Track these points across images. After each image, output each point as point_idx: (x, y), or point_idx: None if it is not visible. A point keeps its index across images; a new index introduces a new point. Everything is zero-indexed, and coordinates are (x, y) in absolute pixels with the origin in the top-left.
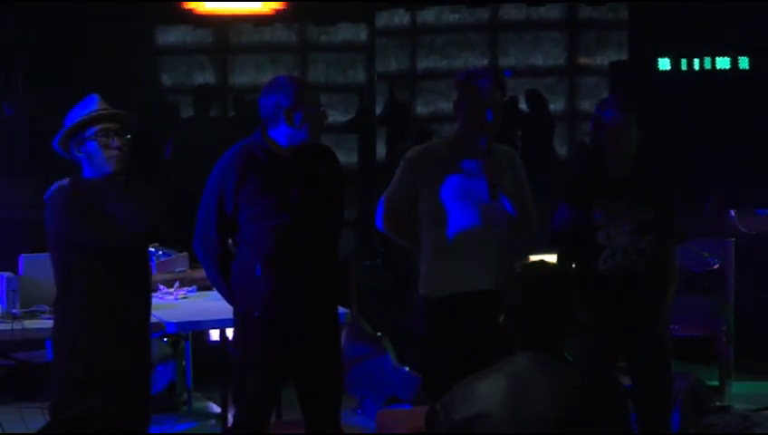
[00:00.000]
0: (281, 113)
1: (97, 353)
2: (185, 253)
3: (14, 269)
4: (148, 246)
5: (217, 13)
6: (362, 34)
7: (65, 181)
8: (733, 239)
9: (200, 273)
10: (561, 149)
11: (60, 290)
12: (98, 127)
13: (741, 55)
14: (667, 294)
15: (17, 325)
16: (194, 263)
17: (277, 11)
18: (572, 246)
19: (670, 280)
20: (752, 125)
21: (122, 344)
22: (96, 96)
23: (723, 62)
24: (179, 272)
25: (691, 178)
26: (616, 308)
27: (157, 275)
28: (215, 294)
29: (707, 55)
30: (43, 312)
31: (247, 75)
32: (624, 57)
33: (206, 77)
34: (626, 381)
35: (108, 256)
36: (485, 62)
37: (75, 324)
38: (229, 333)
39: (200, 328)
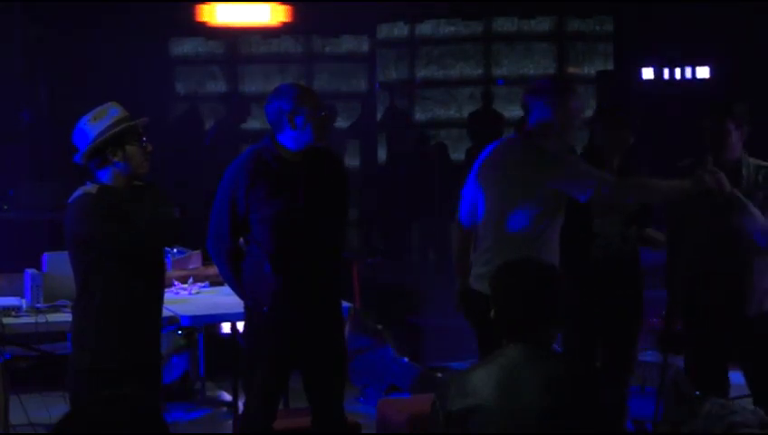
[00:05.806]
0: (284, 118)
1: (113, 347)
2: (198, 251)
3: (38, 266)
4: (165, 247)
5: (228, 25)
6: (364, 46)
7: (88, 185)
8: None
9: (213, 270)
10: None
11: (80, 289)
12: (137, 132)
13: (719, 65)
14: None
15: (41, 319)
16: (207, 260)
17: (284, 24)
18: (567, 233)
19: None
20: None
21: (137, 339)
22: (114, 104)
23: (702, 72)
24: (193, 269)
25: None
26: (604, 288)
27: (172, 272)
28: (226, 289)
29: (688, 65)
30: (65, 306)
31: (256, 84)
32: (610, 67)
33: (217, 86)
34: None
35: (127, 257)
36: (480, 71)
37: (94, 321)
38: (240, 326)
39: (212, 321)
